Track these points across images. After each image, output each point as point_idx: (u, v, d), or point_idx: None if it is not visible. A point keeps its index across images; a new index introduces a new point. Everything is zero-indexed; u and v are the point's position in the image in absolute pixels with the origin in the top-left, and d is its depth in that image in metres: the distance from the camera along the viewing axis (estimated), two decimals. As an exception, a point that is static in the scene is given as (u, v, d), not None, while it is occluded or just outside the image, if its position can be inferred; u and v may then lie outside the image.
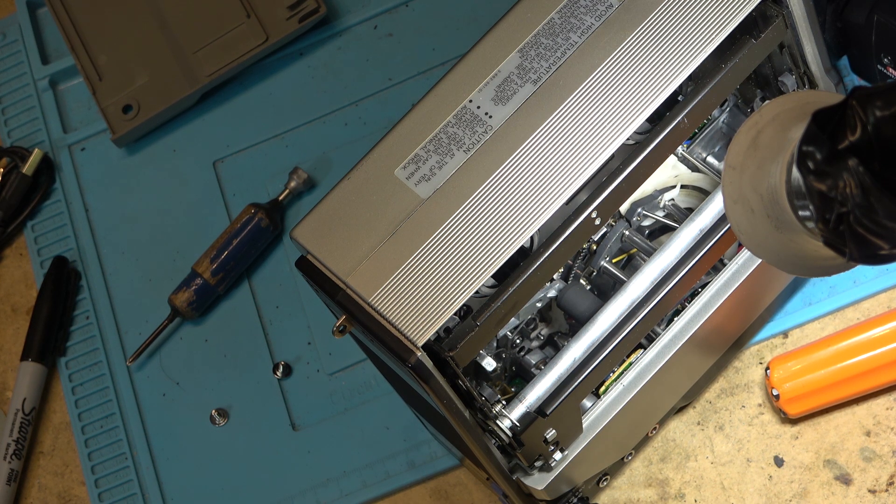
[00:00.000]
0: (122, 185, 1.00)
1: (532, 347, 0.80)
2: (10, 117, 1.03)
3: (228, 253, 0.94)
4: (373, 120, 0.98)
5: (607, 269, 0.80)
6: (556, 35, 0.72)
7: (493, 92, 0.71)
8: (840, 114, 0.54)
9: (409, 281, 0.68)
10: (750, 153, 0.61)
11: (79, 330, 0.96)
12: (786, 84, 0.80)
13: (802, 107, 0.60)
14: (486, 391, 0.77)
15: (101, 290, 0.97)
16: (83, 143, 1.01)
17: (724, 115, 0.83)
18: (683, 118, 0.73)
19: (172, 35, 0.99)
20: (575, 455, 0.77)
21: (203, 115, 1.00)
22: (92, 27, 1.01)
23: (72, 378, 0.95)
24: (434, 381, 0.69)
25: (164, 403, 0.94)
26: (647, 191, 0.82)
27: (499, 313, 0.70)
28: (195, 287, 0.94)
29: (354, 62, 1.00)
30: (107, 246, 0.98)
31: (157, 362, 0.95)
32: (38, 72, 1.02)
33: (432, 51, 0.99)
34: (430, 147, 0.71)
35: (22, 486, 0.93)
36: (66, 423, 0.95)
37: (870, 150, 0.53)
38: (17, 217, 1.00)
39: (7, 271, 1.00)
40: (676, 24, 0.71)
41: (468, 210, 0.69)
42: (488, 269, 0.68)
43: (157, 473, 0.92)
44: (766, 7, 0.74)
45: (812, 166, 0.54)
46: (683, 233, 0.77)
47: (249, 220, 0.94)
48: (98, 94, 0.99)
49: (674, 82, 0.71)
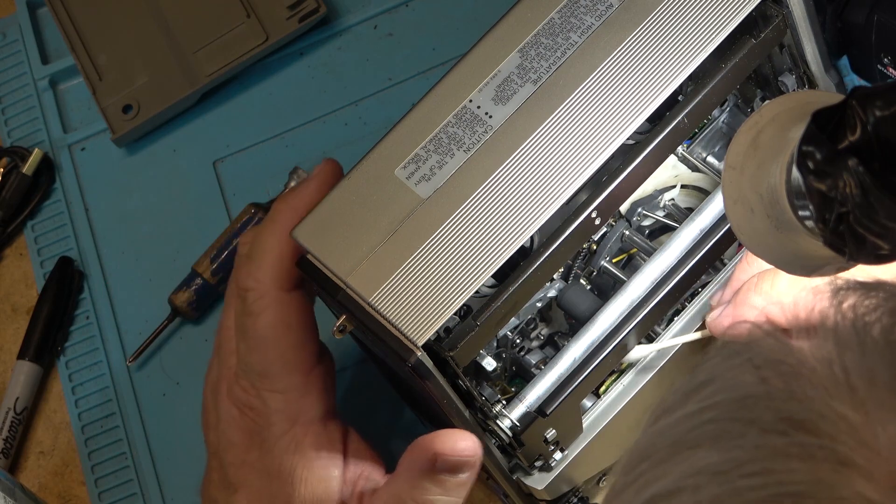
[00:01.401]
0: (122, 185, 1.00)
1: (532, 347, 0.80)
2: (10, 117, 1.03)
3: (229, 253, 0.94)
4: (373, 120, 0.98)
5: (607, 269, 0.80)
6: (557, 35, 0.72)
7: (493, 92, 0.71)
8: (840, 114, 0.54)
9: (409, 281, 0.68)
10: (750, 153, 0.61)
11: (79, 330, 0.96)
12: (786, 84, 0.80)
13: (802, 107, 0.60)
14: (486, 391, 0.77)
15: (101, 290, 0.97)
16: (83, 143, 1.01)
17: (724, 115, 0.83)
18: (683, 118, 0.73)
19: (172, 35, 0.99)
20: (575, 455, 0.77)
21: (203, 115, 1.00)
22: (92, 27, 1.00)
23: (72, 378, 0.95)
24: (434, 380, 0.69)
25: (164, 403, 0.94)
26: (647, 190, 0.82)
27: (499, 313, 0.70)
28: (195, 287, 0.94)
29: (354, 62, 1.00)
30: (107, 246, 0.98)
31: (157, 362, 0.95)
32: (38, 72, 1.02)
33: (432, 51, 0.99)
34: (431, 147, 0.71)
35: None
36: (66, 423, 0.95)
37: (870, 150, 0.53)
38: (17, 217, 1.00)
39: (7, 271, 1.00)
40: (676, 24, 0.71)
41: (468, 210, 0.69)
42: (488, 268, 0.68)
43: (157, 473, 0.92)
44: (766, 7, 0.74)
45: (812, 166, 0.54)
46: (684, 233, 0.77)
47: (249, 220, 0.94)
48: (98, 94, 0.99)
49: (674, 82, 0.71)
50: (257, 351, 0.74)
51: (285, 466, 0.74)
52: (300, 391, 0.74)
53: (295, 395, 0.74)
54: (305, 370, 0.75)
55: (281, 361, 0.74)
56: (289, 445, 0.74)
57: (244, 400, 0.75)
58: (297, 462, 0.74)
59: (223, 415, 0.76)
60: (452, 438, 0.71)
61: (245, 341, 0.75)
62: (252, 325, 0.74)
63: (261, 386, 0.74)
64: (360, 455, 0.76)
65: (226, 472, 0.76)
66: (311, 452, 0.74)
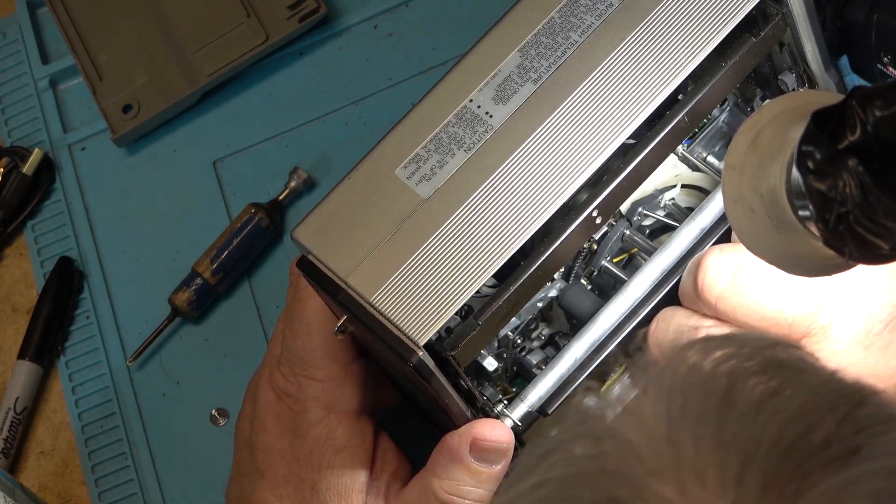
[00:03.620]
0: (122, 185, 1.00)
1: (533, 347, 0.81)
2: (10, 117, 1.03)
3: (228, 253, 0.94)
4: (373, 120, 0.98)
5: (608, 269, 0.80)
6: (557, 34, 0.72)
7: (493, 91, 0.71)
8: (840, 114, 0.54)
9: (410, 280, 0.68)
10: (750, 153, 0.61)
11: (79, 330, 0.96)
12: (786, 82, 0.80)
13: (802, 107, 0.60)
14: (487, 391, 0.77)
15: (101, 290, 0.97)
16: (83, 142, 1.01)
17: (724, 115, 0.83)
18: (684, 116, 0.73)
19: (172, 35, 0.99)
20: (576, 454, 0.77)
21: (203, 115, 1.00)
22: (92, 27, 1.00)
23: (72, 378, 0.95)
24: (436, 380, 0.69)
25: (164, 403, 0.94)
26: (647, 190, 0.82)
27: (500, 313, 0.70)
28: (195, 287, 0.94)
29: (354, 62, 1.00)
30: (107, 246, 0.98)
31: (157, 362, 0.95)
32: (38, 72, 1.02)
33: (432, 51, 0.99)
34: (431, 147, 0.71)
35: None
36: (66, 423, 0.95)
37: (870, 150, 0.54)
38: (17, 217, 1.00)
39: (7, 271, 1.00)
40: (677, 23, 0.71)
41: (469, 210, 0.69)
42: (490, 268, 0.68)
43: (157, 473, 0.92)
44: (765, 5, 0.74)
45: (812, 166, 0.54)
46: (684, 232, 0.77)
47: (249, 220, 0.94)
48: (98, 93, 0.99)
49: (675, 81, 0.71)
50: (301, 337, 0.76)
51: (315, 452, 0.75)
52: (338, 381, 0.76)
53: (333, 384, 0.76)
54: (345, 362, 0.76)
55: (323, 349, 0.76)
56: (321, 432, 0.75)
57: (283, 386, 0.77)
58: (328, 449, 0.75)
59: (261, 400, 0.78)
60: (488, 426, 0.72)
61: (291, 327, 0.76)
62: (300, 310, 0.76)
63: (300, 373, 0.76)
64: (389, 453, 0.77)
65: (255, 457, 0.77)
66: (342, 441, 0.75)
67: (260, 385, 0.78)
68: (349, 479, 0.75)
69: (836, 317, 0.69)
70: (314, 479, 0.75)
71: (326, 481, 0.75)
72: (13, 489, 0.88)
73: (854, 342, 0.69)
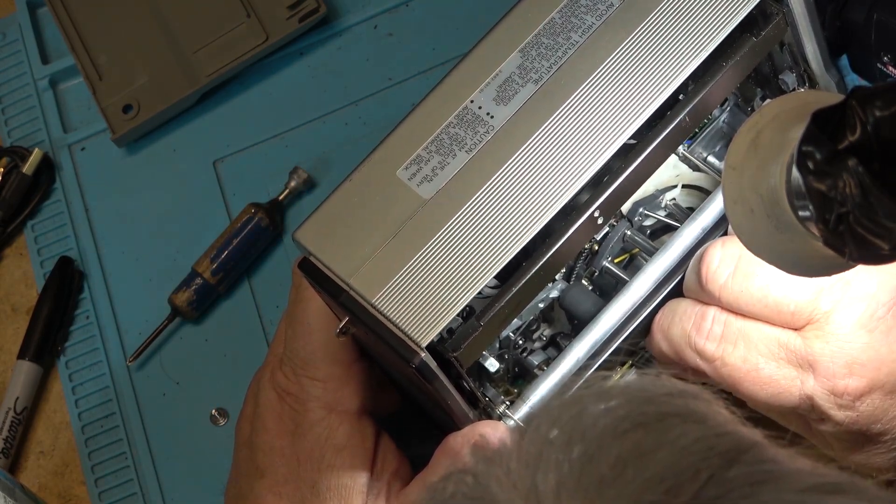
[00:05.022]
0: (122, 185, 1.00)
1: (535, 348, 0.81)
2: (10, 117, 1.03)
3: (228, 253, 0.94)
4: (373, 120, 0.98)
5: (609, 270, 0.80)
6: (557, 35, 0.72)
7: (494, 92, 0.71)
8: (840, 114, 0.54)
9: (412, 282, 0.68)
10: (750, 153, 0.61)
11: (79, 330, 0.96)
12: (786, 82, 0.80)
13: (802, 107, 0.60)
14: (489, 392, 0.77)
15: (101, 290, 0.97)
16: (83, 142, 1.01)
17: (724, 115, 0.83)
18: (685, 116, 0.73)
19: (172, 35, 0.99)
20: (576, 454, 0.77)
21: (203, 115, 1.00)
22: (92, 27, 1.00)
23: (72, 378, 0.95)
24: (438, 381, 0.69)
25: (164, 403, 0.94)
26: (648, 190, 0.82)
27: (501, 314, 0.70)
28: (195, 287, 0.94)
29: (354, 62, 1.00)
30: (107, 246, 0.98)
31: (157, 362, 0.95)
32: (38, 72, 1.02)
33: (432, 51, 0.99)
34: (432, 148, 0.71)
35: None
36: (66, 423, 0.95)
37: (870, 150, 0.54)
38: (17, 217, 1.00)
39: (7, 271, 1.00)
40: (677, 23, 0.71)
41: (471, 211, 0.69)
42: (491, 269, 0.68)
43: (157, 473, 0.92)
44: (766, 5, 0.74)
45: (812, 166, 0.54)
46: (685, 232, 0.77)
47: (249, 219, 0.94)
48: (98, 93, 0.99)
49: (676, 81, 0.71)
50: (303, 337, 0.76)
51: (316, 452, 0.75)
52: (339, 381, 0.76)
53: (334, 384, 0.76)
54: (347, 362, 0.76)
55: (324, 350, 0.76)
56: (322, 432, 0.76)
57: (284, 385, 0.77)
58: (328, 449, 0.75)
59: (262, 399, 0.78)
60: (490, 427, 0.72)
61: (292, 327, 0.77)
62: (301, 311, 0.76)
63: (302, 373, 0.76)
64: (390, 454, 0.77)
65: (255, 456, 0.77)
66: (343, 441, 0.76)
67: (261, 385, 0.79)
68: (349, 479, 0.75)
69: (838, 302, 0.69)
70: (314, 479, 0.75)
71: (327, 481, 0.75)
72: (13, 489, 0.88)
73: (857, 326, 0.69)
